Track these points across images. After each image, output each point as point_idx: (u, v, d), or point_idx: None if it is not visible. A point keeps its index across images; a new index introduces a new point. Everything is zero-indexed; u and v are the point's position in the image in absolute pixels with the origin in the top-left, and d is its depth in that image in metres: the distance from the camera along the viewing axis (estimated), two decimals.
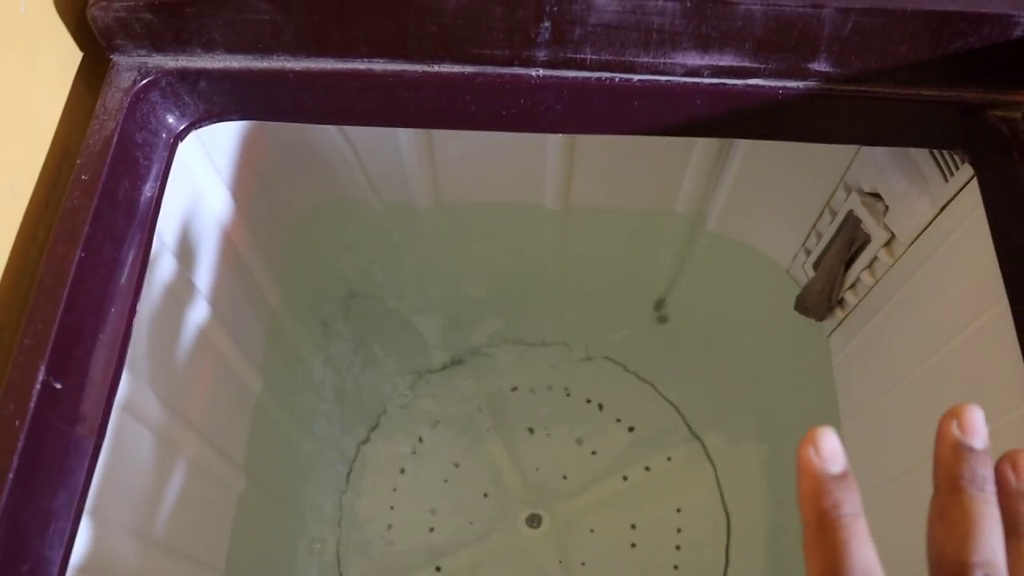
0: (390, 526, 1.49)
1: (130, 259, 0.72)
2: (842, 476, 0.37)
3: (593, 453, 1.54)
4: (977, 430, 0.38)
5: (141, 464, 0.84)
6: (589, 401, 1.59)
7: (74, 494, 0.63)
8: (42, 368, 0.62)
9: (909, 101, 0.76)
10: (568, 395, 1.60)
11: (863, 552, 0.34)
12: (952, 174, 0.88)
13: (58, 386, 0.63)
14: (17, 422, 0.60)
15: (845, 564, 0.34)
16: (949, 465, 0.37)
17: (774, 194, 1.17)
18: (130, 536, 0.81)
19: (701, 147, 1.12)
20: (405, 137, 1.11)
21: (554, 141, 1.11)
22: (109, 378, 0.68)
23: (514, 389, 1.61)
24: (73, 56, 0.78)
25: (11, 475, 0.58)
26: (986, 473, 0.37)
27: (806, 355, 1.28)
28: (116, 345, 0.69)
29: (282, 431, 1.30)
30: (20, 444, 0.59)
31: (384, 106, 0.78)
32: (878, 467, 1.05)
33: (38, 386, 0.61)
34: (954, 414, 0.38)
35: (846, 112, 0.78)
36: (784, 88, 0.75)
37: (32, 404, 0.61)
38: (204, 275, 0.97)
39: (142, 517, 0.84)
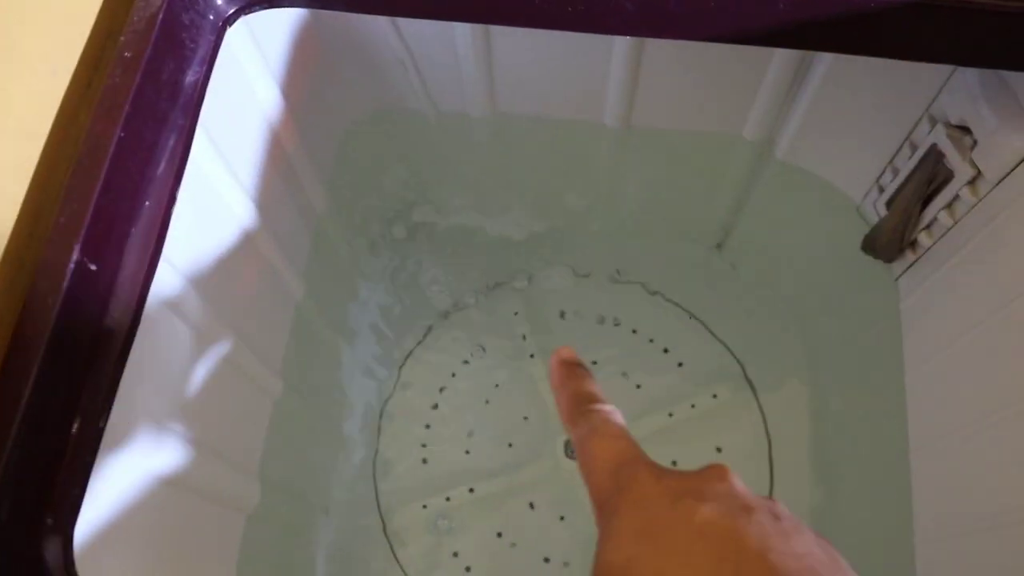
0: (424, 444, 1.48)
1: (171, 144, 0.69)
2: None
3: (638, 387, 1.51)
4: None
5: (177, 358, 0.83)
6: (637, 332, 1.55)
7: (104, 376, 0.62)
8: (77, 248, 0.60)
9: (1018, 15, 0.69)
10: (617, 325, 1.56)
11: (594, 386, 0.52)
12: None
13: (93, 268, 0.61)
14: (50, 300, 0.58)
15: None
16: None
17: (851, 124, 1.10)
18: (163, 429, 0.80)
19: (776, 65, 1.05)
20: (463, 40, 1.05)
21: (619, 51, 1.04)
22: (146, 264, 0.66)
23: (562, 315, 1.57)
24: None
25: (42, 352, 0.57)
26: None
27: (870, 298, 1.22)
28: (154, 231, 0.67)
29: (323, 341, 1.29)
30: (52, 323, 0.58)
31: None
32: (947, 415, 1.00)
33: (72, 265, 0.60)
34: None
35: (945, 26, 0.71)
36: None
37: (65, 283, 0.59)
38: (249, 173, 0.94)
39: (176, 411, 0.83)
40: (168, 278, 0.77)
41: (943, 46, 0.73)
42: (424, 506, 1.44)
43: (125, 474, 0.73)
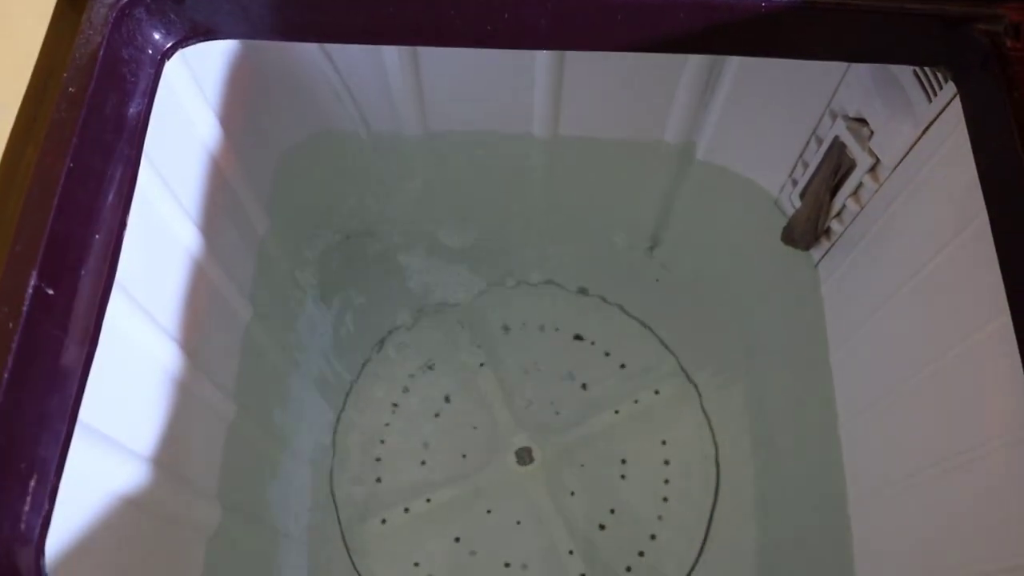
0: (379, 459, 1.51)
1: (119, 174, 0.73)
2: None
3: (583, 387, 1.57)
4: None
5: (132, 380, 0.85)
6: (579, 337, 1.61)
7: (68, 398, 0.65)
8: (34, 274, 0.63)
9: (892, 14, 0.77)
10: (558, 331, 1.62)
11: None
12: (935, 94, 0.89)
13: (50, 292, 0.64)
14: (11, 324, 0.61)
15: None
16: None
17: (762, 121, 1.17)
18: (122, 449, 0.83)
19: (689, 72, 1.12)
20: (392, 61, 1.10)
21: (542, 65, 1.11)
22: (100, 288, 0.69)
23: (505, 326, 1.63)
24: None
25: (6, 375, 0.60)
26: None
27: (795, 285, 1.30)
28: (107, 256, 0.70)
29: (273, 363, 1.31)
30: (14, 345, 0.61)
31: (368, 22, 0.78)
32: (868, 388, 1.07)
33: (30, 291, 0.62)
34: None
35: (829, 26, 0.78)
36: (767, 1, 0.75)
37: (25, 308, 0.62)
38: (193, 200, 0.97)
39: (133, 432, 0.86)
40: (121, 303, 0.80)
41: (828, 45, 0.80)
42: (383, 520, 1.47)
43: (89, 493, 0.76)
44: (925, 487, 0.93)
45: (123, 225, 0.72)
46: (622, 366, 1.59)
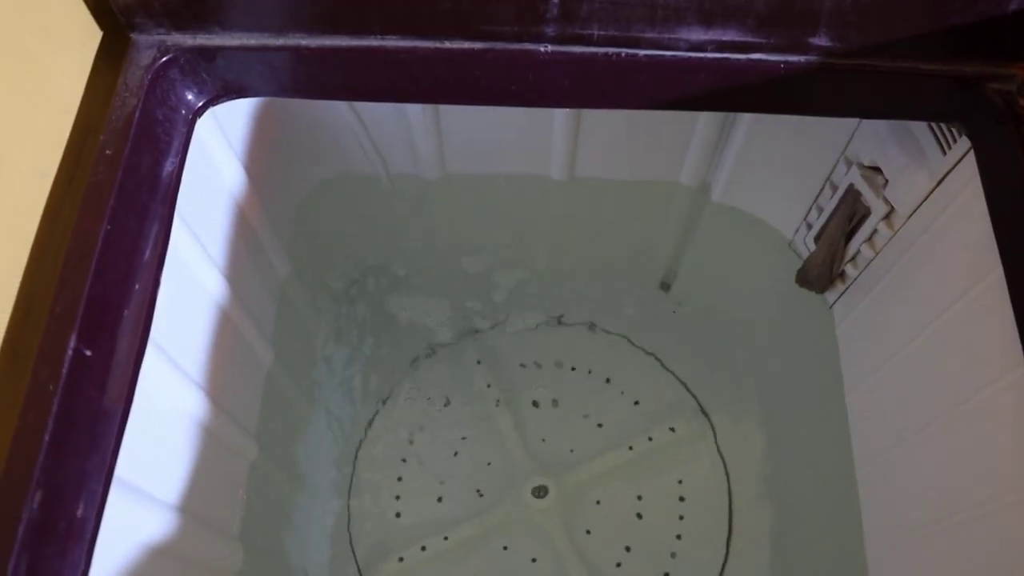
0: (399, 496, 1.52)
1: (153, 232, 0.75)
2: None
3: (599, 425, 1.57)
4: None
5: (161, 432, 0.87)
6: (593, 373, 1.62)
7: (105, 457, 0.66)
8: (73, 336, 0.65)
9: (907, 75, 0.78)
10: (574, 369, 1.63)
11: None
12: (950, 147, 0.90)
13: (88, 354, 0.66)
14: (51, 387, 0.63)
15: None
16: None
17: (777, 167, 1.19)
18: (151, 500, 0.84)
19: (705, 118, 1.14)
20: (414, 112, 1.13)
21: (560, 112, 1.13)
22: (136, 346, 0.70)
23: (521, 364, 1.64)
24: (94, 35, 0.80)
25: (47, 437, 0.61)
26: None
27: (809, 326, 1.31)
28: (142, 315, 0.72)
29: (293, 402, 1.33)
30: (54, 408, 0.62)
31: (397, 82, 0.80)
32: (885, 431, 1.07)
33: (70, 353, 0.64)
34: None
35: (846, 86, 0.80)
36: (786, 62, 0.77)
37: (65, 371, 0.64)
38: (219, 248, 0.99)
39: (162, 482, 0.87)
40: (152, 356, 0.82)
41: (845, 103, 0.82)
42: (401, 559, 1.47)
43: (120, 545, 0.77)
44: (943, 536, 0.93)
45: (157, 283, 0.74)
46: (637, 403, 1.60)
